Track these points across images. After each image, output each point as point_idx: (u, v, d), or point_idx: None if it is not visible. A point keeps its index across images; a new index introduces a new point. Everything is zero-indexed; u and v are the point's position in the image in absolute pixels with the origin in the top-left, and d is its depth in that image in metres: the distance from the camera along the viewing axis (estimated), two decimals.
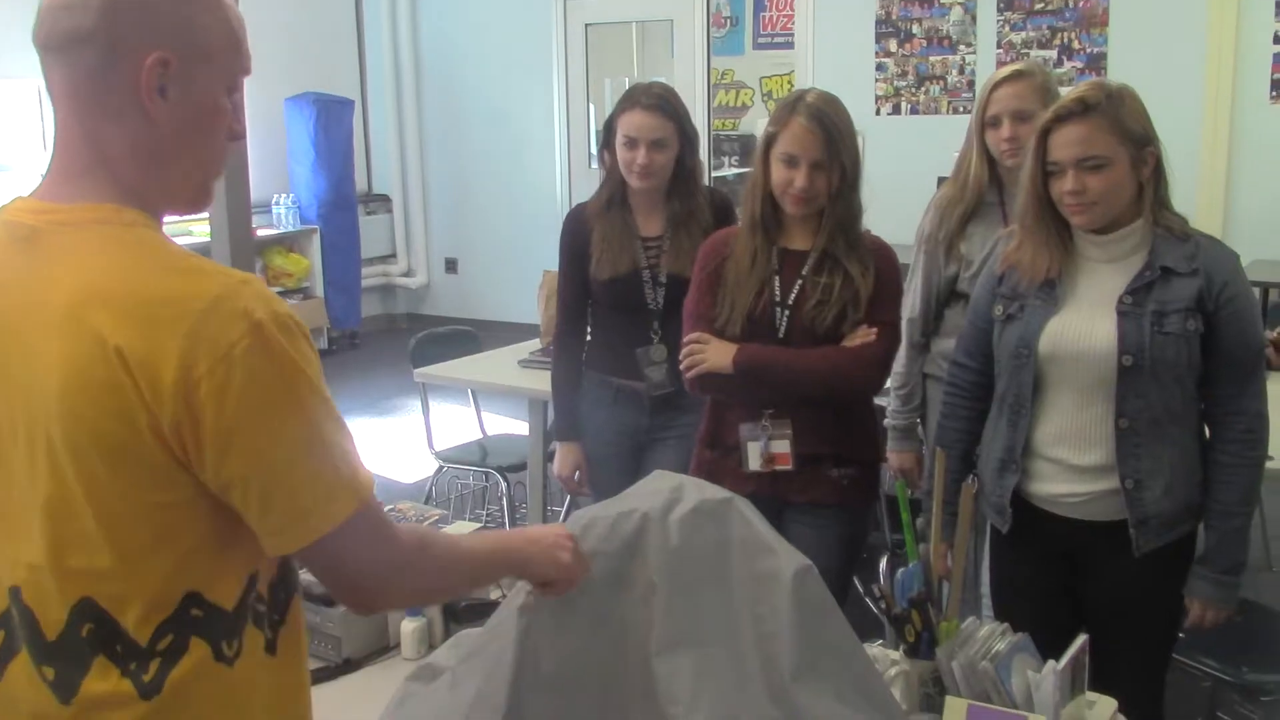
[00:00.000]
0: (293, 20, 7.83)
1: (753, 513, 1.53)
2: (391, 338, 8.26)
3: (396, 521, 1.23)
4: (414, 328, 6.91)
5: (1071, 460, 2.20)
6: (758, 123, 7.99)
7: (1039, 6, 6.46)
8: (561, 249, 3.00)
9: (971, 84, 6.65)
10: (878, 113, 6.94)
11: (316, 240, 7.86)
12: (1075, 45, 6.42)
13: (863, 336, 2.41)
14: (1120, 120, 2.08)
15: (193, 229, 7.10)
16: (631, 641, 1.47)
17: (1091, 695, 1.70)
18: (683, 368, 2.48)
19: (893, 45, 6.90)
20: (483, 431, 4.63)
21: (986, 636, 1.68)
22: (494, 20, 8.15)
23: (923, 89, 6.86)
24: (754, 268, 2.46)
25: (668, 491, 1.53)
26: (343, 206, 7.92)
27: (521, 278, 7.25)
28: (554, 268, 3.22)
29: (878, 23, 6.92)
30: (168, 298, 1.08)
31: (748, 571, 1.49)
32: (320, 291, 7.91)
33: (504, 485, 4.30)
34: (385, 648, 1.98)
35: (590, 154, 7.95)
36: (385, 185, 8.70)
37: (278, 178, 7.74)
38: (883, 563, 2.89)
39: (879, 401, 2.80)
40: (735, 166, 8.34)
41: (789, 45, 7.60)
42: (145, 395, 1.06)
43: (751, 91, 8.50)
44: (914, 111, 6.89)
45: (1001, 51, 6.57)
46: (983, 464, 2.34)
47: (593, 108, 8.06)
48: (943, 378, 2.54)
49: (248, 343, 1.07)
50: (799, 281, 2.45)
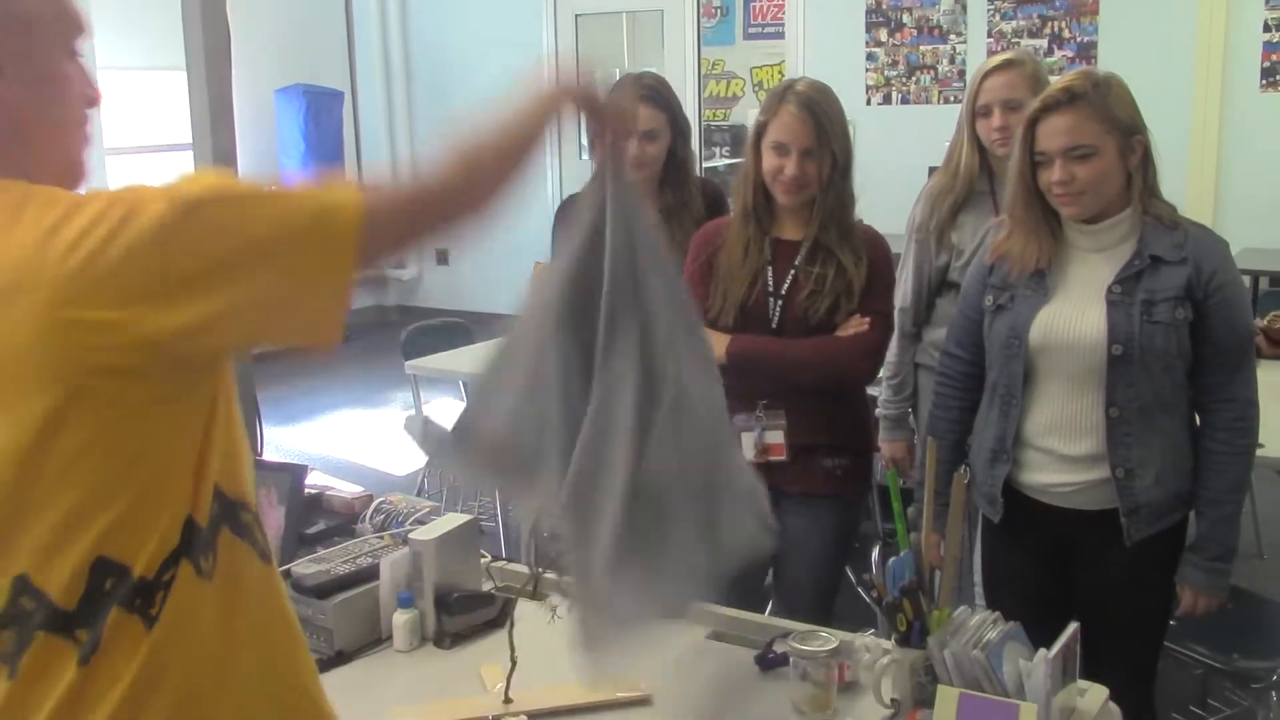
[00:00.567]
0: (282, 12, 7.80)
1: None
2: (383, 330, 8.23)
3: (389, 513, 1.22)
4: (405, 320, 6.89)
5: (1062, 450, 2.20)
6: (749, 113, 7.97)
7: None
8: (553, 240, 2.99)
9: (962, 73, 6.65)
10: (868, 102, 6.94)
11: None
12: (1066, 34, 6.42)
13: (856, 326, 2.42)
14: (1107, 109, 2.08)
15: None
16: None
17: (1083, 683, 1.70)
18: None
19: (883, 35, 6.90)
20: None
21: (978, 625, 1.68)
22: (484, 10, 8.13)
23: (913, 78, 6.86)
24: (747, 258, 2.46)
25: None
26: None
27: (513, 269, 7.20)
28: (545, 259, 3.21)
29: (868, 12, 6.92)
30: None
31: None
32: None
33: None
34: (377, 639, 1.98)
35: (580, 145, 7.94)
36: (376, 177, 8.68)
37: (268, 171, 7.71)
38: (875, 552, 2.90)
39: (871, 391, 2.80)
40: (726, 157, 8.33)
41: (779, 35, 7.59)
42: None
43: (742, 82, 8.49)
44: (905, 101, 6.89)
45: (992, 41, 6.57)
46: (974, 454, 2.34)
47: None
48: (934, 367, 2.55)
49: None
50: (792, 271, 2.45)
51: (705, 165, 7.68)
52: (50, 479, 1.08)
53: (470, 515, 2.11)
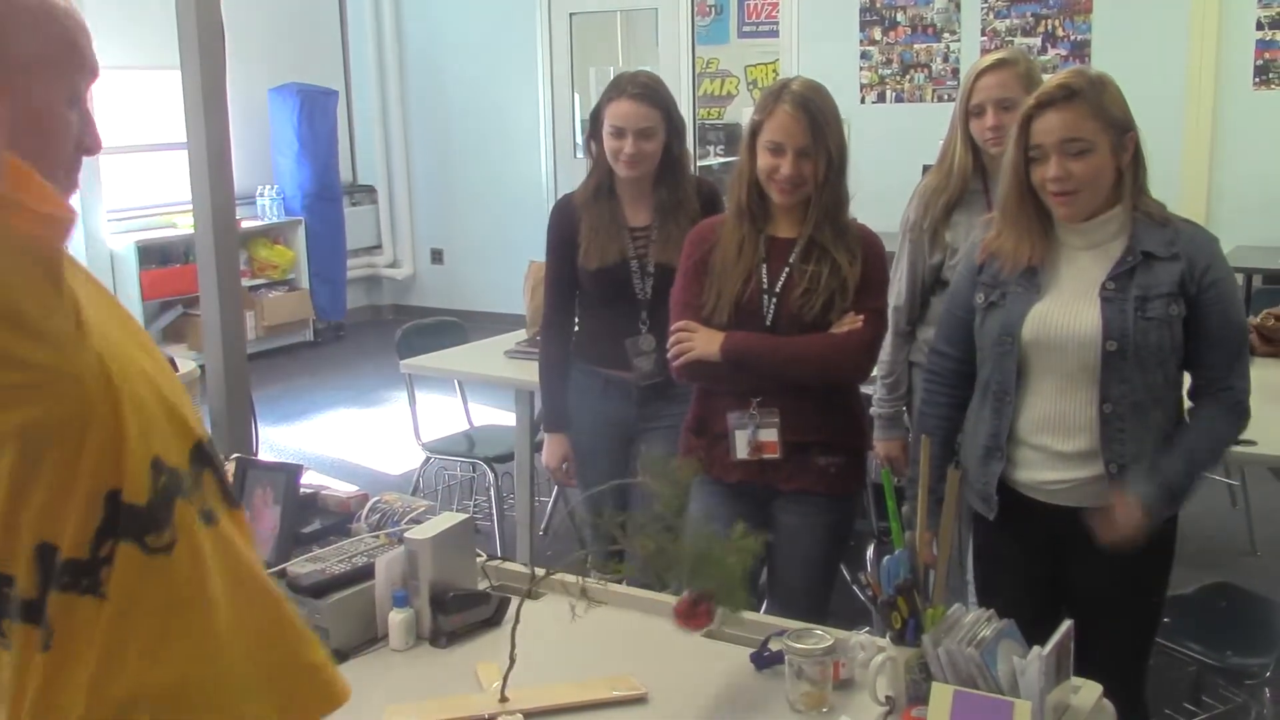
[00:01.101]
0: (276, 10, 7.79)
1: None
2: (377, 329, 8.24)
3: (384, 513, 1.22)
4: (400, 319, 6.89)
5: (1055, 447, 2.21)
6: (743, 112, 7.99)
7: None
8: (549, 239, 2.99)
9: (956, 72, 6.66)
10: (863, 101, 6.94)
11: (301, 232, 7.83)
12: (1059, 32, 6.43)
13: (850, 324, 2.42)
14: (1103, 106, 2.10)
15: (177, 221, 7.09)
16: None
17: (1076, 680, 1.71)
18: (670, 356, 2.48)
19: (877, 33, 6.90)
20: (469, 422, 4.63)
21: (972, 623, 1.69)
22: (478, 9, 8.12)
23: (907, 77, 6.86)
24: (741, 256, 2.46)
25: None
26: (327, 198, 7.89)
27: (507, 268, 7.23)
28: (540, 258, 3.21)
29: (862, 10, 6.92)
30: None
31: None
32: (305, 283, 7.88)
33: (491, 476, 4.30)
34: (373, 639, 1.98)
35: (575, 144, 7.94)
36: (370, 176, 8.68)
37: (261, 169, 7.70)
38: (869, 550, 2.91)
39: (865, 390, 2.81)
40: (720, 156, 8.34)
41: (774, 34, 7.59)
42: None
43: (736, 80, 8.49)
44: (899, 99, 6.90)
45: (986, 39, 6.57)
46: (966, 452, 2.35)
47: (577, 97, 8.05)
48: None
49: None
50: (786, 269, 2.45)
51: (700, 164, 7.68)
52: None
53: (465, 514, 2.12)
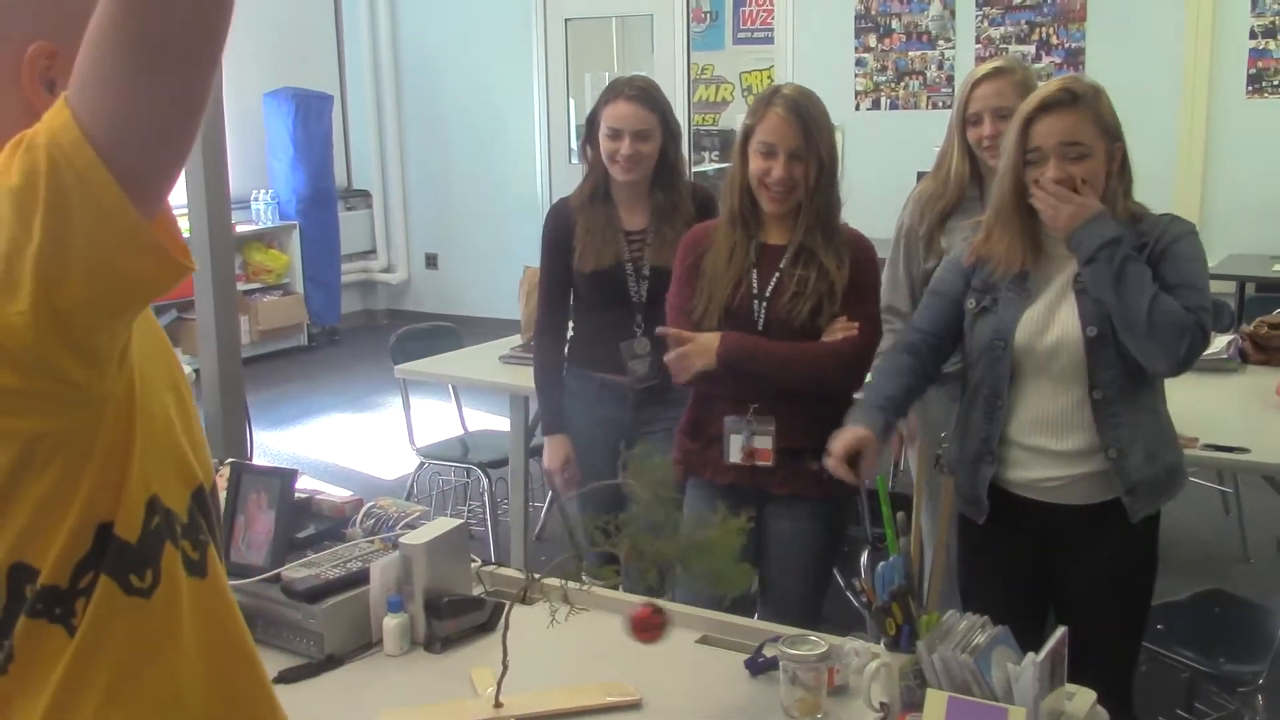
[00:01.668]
0: (271, 15, 7.78)
1: None
2: (372, 334, 8.24)
3: (379, 518, 1.19)
4: (394, 324, 6.89)
5: (1050, 446, 2.23)
6: (737, 118, 7.98)
7: (1017, 1, 6.48)
8: (544, 242, 2.99)
9: (950, 79, 6.67)
10: (857, 108, 6.95)
11: (296, 236, 7.82)
12: (1053, 40, 6.44)
13: (843, 330, 2.42)
14: (1100, 114, 2.15)
15: None
16: None
17: (1071, 687, 1.71)
18: (672, 372, 2.47)
19: (872, 40, 6.92)
20: (464, 427, 4.63)
21: (966, 629, 1.69)
22: (473, 15, 8.13)
23: (902, 84, 6.88)
24: (731, 262, 2.47)
25: None
26: (322, 202, 7.89)
27: (502, 273, 7.24)
28: (534, 263, 3.21)
29: (857, 18, 6.93)
30: None
31: None
32: (300, 288, 7.88)
33: (485, 481, 4.30)
34: (367, 644, 1.98)
35: (570, 149, 7.94)
36: (365, 181, 8.67)
37: (256, 173, 7.70)
38: (863, 556, 2.90)
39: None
40: (715, 161, 8.35)
41: (769, 40, 7.61)
42: None
43: (731, 86, 8.51)
44: (893, 106, 6.91)
45: (980, 47, 6.59)
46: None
47: (572, 103, 8.05)
48: None
49: None
50: (776, 275, 2.46)
51: (695, 169, 7.69)
52: None
53: (460, 520, 2.12)
